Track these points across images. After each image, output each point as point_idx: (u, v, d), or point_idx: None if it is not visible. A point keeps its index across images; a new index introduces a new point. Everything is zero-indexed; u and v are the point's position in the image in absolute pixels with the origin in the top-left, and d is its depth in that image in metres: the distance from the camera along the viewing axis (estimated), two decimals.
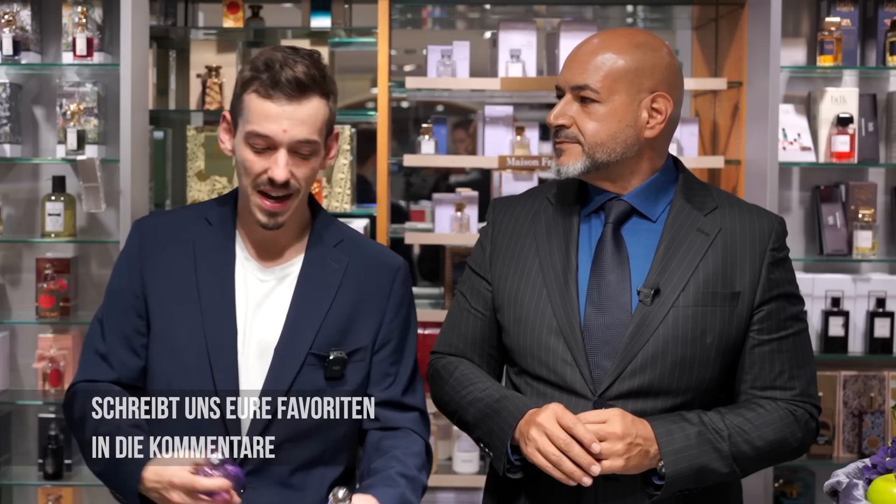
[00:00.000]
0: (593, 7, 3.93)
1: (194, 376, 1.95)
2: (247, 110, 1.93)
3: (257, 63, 1.93)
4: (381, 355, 2.05)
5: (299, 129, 1.91)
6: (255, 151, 1.93)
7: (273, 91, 1.90)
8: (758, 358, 1.97)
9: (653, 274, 1.94)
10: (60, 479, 3.43)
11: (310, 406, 1.92)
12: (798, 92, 3.61)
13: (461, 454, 3.59)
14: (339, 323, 2.01)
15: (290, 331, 1.98)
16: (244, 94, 1.94)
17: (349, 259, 2.05)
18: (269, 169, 1.92)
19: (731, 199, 2.05)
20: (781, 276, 1.98)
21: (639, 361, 1.91)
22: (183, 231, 2.05)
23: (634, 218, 2.00)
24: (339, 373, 1.99)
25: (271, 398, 1.93)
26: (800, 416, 1.98)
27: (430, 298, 4.05)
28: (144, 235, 2.06)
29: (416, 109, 9.62)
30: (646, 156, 1.98)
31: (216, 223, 2.05)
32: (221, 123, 2.02)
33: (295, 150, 1.93)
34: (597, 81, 1.93)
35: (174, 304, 2.00)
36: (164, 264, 2.02)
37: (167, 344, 1.99)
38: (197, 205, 2.14)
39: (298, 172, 1.94)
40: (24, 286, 3.56)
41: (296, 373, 1.96)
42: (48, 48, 3.52)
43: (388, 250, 2.16)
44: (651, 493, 1.90)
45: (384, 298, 2.06)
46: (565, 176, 1.98)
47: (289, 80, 1.90)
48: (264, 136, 1.91)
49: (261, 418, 1.93)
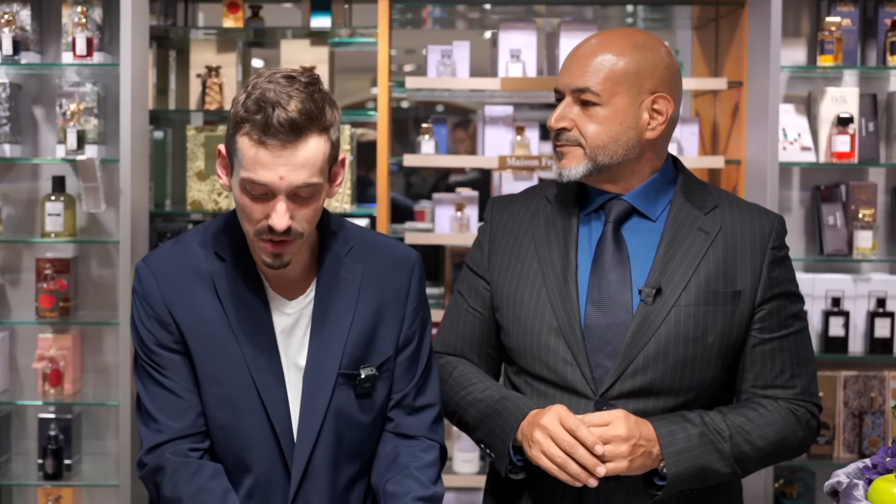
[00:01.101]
0: (593, 7, 3.93)
1: (248, 418, 1.91)
2: (241, 154, 1.80)
3: (248, 102, 1.78)
4: (401, 357, 2.01)
5: (297, 174, 1.78)
6: (252, 198, 1.81)
7: (266, 137, 1.76)
8: (759, 357, 1.97)
9: (654, 273, 1.94)
10: (60, 479, 3.43)
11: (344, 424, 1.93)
12: (798, 92, 3.61)
13: (461, 454, 3.59)
14: (364, 336, 1.95)
15: (315, 355, 1.93)
16: (237, 136, 1.80)
17: (363, 267, 1.98)
18: (268, 216, 1.81)
19: (730, 198, 2.05)
20: (782, 275, 1.98)
21: (640, 361, 1.91)
22: (198, 270, 1.93)
23: (634, 217, 2.00)
24: (371, 389, 1.95)
25: (310, 425, 1.91)
26: (801, 415, 1.98)
27: (431, 298, 4.03)
28: (160, 280, 1.92)
29: (416, 109, 9.61)
30: (646, 156, 1.98)
31: (230, 260, 1.94)
32: (218, 158, 1.91)
33: (294, 194, 1.81)
34: (597, 84, 1.92)
35: (214, 349, 1.91)
36: (193, 309, 1.91)
37: (216, 389, 1.92)
38: (195, 236, 1.98)
39: (299, 215, 1.83)
40: (24, 286, 3.56)
41: (329, 396, 1.92)
42: (48, 48, 3.52)
43: (400, 245, 2.08)
44: (652, 493, 1.89)
45: (402, 303, 2.00)
46: (567, 179, 1.97)
47: (282, 124, 1.75)
48: (261, 183, 1.78)
49: (304, 448, 1.91)
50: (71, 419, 3.48)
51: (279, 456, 1.91)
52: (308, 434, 1.91)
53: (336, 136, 1.85)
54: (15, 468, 3.55)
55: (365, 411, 1.96)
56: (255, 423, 1.90)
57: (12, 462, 3.56)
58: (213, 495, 1.87)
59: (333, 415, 1.92)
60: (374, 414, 1.97)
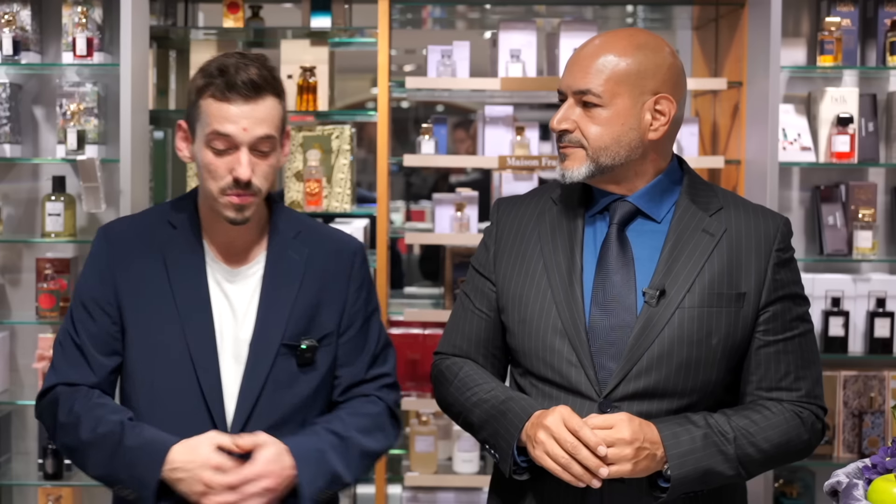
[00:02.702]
0: (593, 7, 3.93)
1: (178, 378, 2.05)
2: (205, 114, 2.00)
3: (210, 69, 2.00)
4: (346, 337, 2.16)
5: (258, 127, 1.99)
6: (216, 153, 2.00)
7: (230, 93, 1.97)
8: (763, 359, 1.97)
9: (658, 275, 1.94)
10: (60, 479, 3.43)
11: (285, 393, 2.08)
12: (798, 92, 3.61)
13: (461, 454, 3.59)
14: (306, 312, 2.10)
15: (261, 325, 2.08)
16: (200, 100, 2.00)
17: (309, 249, 2.14)
18: (233, 169, 1.99)
19: (736, 200, 2.04)
20: (787, 277, 1.98)
21: (644, 363, 1.91)
22: (149, 236, 2.12)
23: (639, 219, 1.99)
24: (311, 359, 2.10)
25: (250, 390, 2.05)
26: (805, 417, 1.97)
27: (431, 298, 4.05)
28: (111, 243, 2.12)
29: (416, 109, 9.62)
30: (650, 157, 1.98)
31: (181, 227, 2.12)
32: (178, 132, 2.10)
33: (255, 148, 2.00)
34: (599, 85, 1.92)
35: (151, 311, 2.08)
36: (136, 272, 2.10)
37: (148, 349, 2.07)
38: (158, 207, 2.21)
39: (259, 170, 2.01)
40: (24, 286, 3.56)
41: (271, 364, 2.06)
42: (48, 48, 3.52)
43: (345, 234, 2.25)
44: (657, 495, 1.89)
45: (345, 284, 2.15)
46: (570, 181, 1.97)
47: (244, 82, 1.97)
48: (225, 135, 1.98)
49: (243, 411, 2.05)
50: None
51: (208, 416, 2.04)
52: (248, 398, 2.05)
53: (285, 106, 2.06)
54: (15, 468, 3.55)
55: (306, 381, 2.10)
56: (184, 383, 2.04)
57: (12, 462, 3.56)
58: (107, 406, 2.04)
59: (274, 382, 2.06)
60: (316, 384, 2.12)
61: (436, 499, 3.63)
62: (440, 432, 3.63)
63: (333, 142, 3.68)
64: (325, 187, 3.65)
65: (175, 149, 2.10)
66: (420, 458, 3.60)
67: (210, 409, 2.04)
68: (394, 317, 3.59)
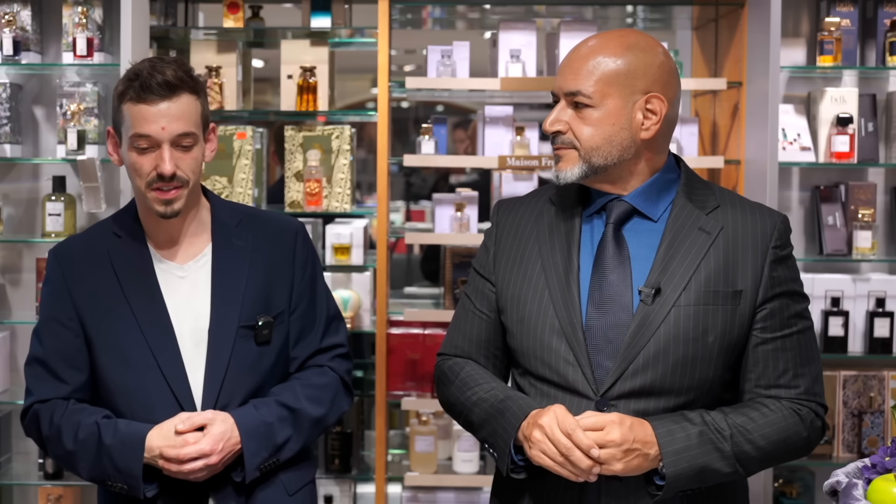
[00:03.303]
0: (593, 7, 3.93)
1: (145, 376, 2.16)
2: (127, 118, 2.12)
3: (128, 75, 2.13)
4: (296, 314, 2.28)
5: (176, 124, 2.10)
6: (140, 152, 2.11)
7: (146, 94, 2.09)
8: (761, 356, 1.97)
9: (654, 273, 1.95)
10: (60, 479, 3.44)
11: (247, 374, 2.20)
12: (798, 92, 3.62)
13: (461, 454, 3.60)
14: (258, 294, 2.22)
15: (217, 312, 2.19)
16: (122, 106, 2.13)
17: (252, 235, 2.26)
18: (157, 165, 2.10)
19: (733, 198, 2.05)
20: (784, 274, 1.98)
21: (640, 361, 1.91)
22: (96, 249, 2.23)
23: (636, 218, 2.00)
24: (268, 336, 2.22)
25: (215, 375, 2.16)
26: (804, 415, 1.98)
27: (431, 298, 4.05)
28: (62, 262, 2.23)
29: (416, 109, 9.63)
30: (644, 156, 1.98)
31: (125, 235, 2.24)
32: (108, 140, 2.21)
33: (176, 144, 2.11)
34: (589, 86, 1.94)
35: (111, 318, 2.18)
36: (89, 284, 2.20)
37: (113, 354, 2.18)
38: (102, 222, 2.32)
39: (183, 164, 2.13)
40: (24, 286, 3.56)
41: (231, 347, 2.18)
42: (48, 48, 3.52)
43: (285, 217, 2.37)
44: (653, 493, 1.90)
45: (290, 263, 2.27)
46: (564, 182, 1.99)
47: (159, 84, 2.08)
48: (146, 135, 2.09)
49: (211, 395, 2.16)
50: None
51: (178, 407, 2.14)
52: (213, 382, 2.16)
53: (206, 103, 2.19)
54: (15, 468, 3.55)
55: (265, 357, 2.22)
56: (151, 379, 2.15)
57: (13, 462, 3.57)
58: (84, 411, 2.16)
59: (236, 363, 2.18)
60: (273, 359, 2.24)
61: (436, 499, 3.63)
62: (440, 432, 3.63)
63: (333, 142, 3.68)
64: (325, 187, 3.65)
65: (108, 154, 2.21)
66: (420, 457, 3.60)
67: (178, 399, 2.15)
68: (394, 317, 3.59)
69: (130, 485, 2.10)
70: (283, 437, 2.18)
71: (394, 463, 3.74)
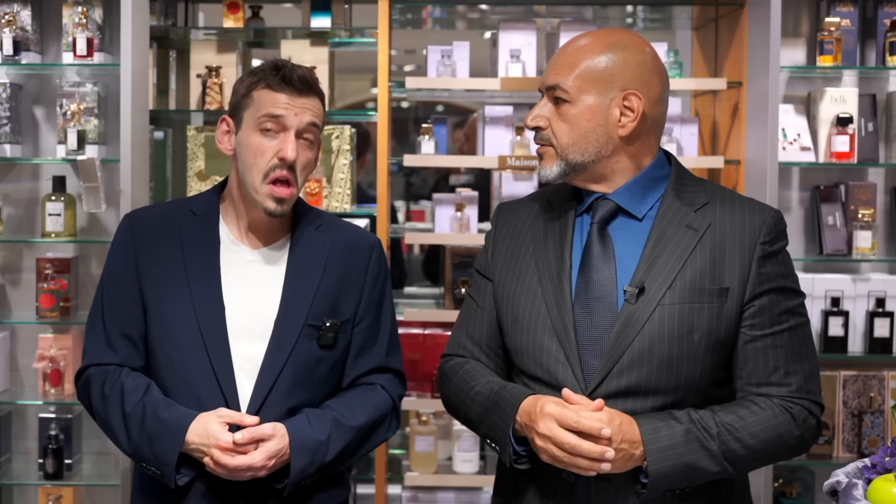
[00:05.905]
0: (593, 7, 3.94)
1: (189, 353, 2.15)
2: (258, 102, 2.16)
3: (264, 67, 2.18)
4: (360, 327, 2.26)
5: (307, 114, 2.16)
6: (264, 134, 2.14)
7: (284, 85, 2.15)
8: (751, 354, 1.96)
9: (639, 272, 1.94)
10: (60, 479, 3.43)
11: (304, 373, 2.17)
12: (798, 92, 3.62)
13: (461, 454, 3.60)
14: (329, 296, 2.21)
15: (287, 304, 2.18)
16: (253, 91, 2.17)
17: (330, 239, 2.26)
18: (279, 150, 2.13)
19: (724, 194, 2.03)
20: (774, 270, 1.96)
21: (625, 360, 1.91)
22: (169, 221, 2.24)
23: (622, 216, 2.00)
24: (332, 340, 2.20)
25: (272, 368, 2.14)
26: (796, 413, 1.95)
27: (431, 298, 4.05)
28: (135, 227, 2.25)
29: (416, 109, 9.62)
30: (624, 154, 1.99)
31: (201, 213, 2.25)
32: (221, 126, 2.23)
33: (301, 135, 2.15)
34: (567, 81, 1.96)
35: (167, 288, 2.19)
36: (155, 253, 2.22)
37: (166, 329, 2.18)
38: (183, 199, 2.36)
39: (301, 159, 2.15)
40: (25, 286, 3.56)
41: (294, 342, 2.17)
42: (48, 48, 3.52)
43: (363, 230, 2.37)
44: (638, 490, 1.90)
45: (362, 275, 2.27)
46: (545, 180, 2.01)
47: (299, 77, 2.16)
48: (277, 115, 2.13)
49: (262, 389, 2.14)
50: (71, 419, 3.48)
51: (220, 394, 2.13)
52: (268, 376, 2.14)
53: (325, 111, 2.23)
54: (15, 468, 3.55)
55: (324, 362, 2.20)
56: (195, 357, 2.14)
57: (13, 462, 3.56)
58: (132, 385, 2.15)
59: (295, 360, 2.16)
60: (329, 366, 2.22)
61: (436, 498, 3.63)
62: (440, 432, 3.63)
63: (333, 142, 3.68)
64: (325, 187, 3.65)
65: (216, 142, 2.23)
66: (420, 457, 3.60)
67: (219, 382, 2.13)
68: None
69: (164, 472, 2.10)
70: (332, 454, 2.15)
71: (394, 463, 3.74)
